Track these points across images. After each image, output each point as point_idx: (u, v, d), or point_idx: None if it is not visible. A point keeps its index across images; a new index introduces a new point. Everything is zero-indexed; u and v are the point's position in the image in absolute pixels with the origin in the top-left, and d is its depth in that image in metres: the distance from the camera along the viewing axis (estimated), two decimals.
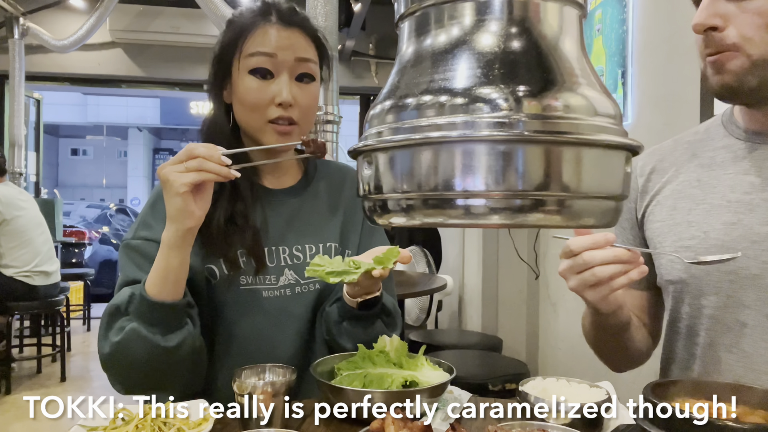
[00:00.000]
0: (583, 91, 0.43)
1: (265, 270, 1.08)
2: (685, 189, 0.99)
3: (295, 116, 1.05)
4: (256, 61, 1.04)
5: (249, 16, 1.07)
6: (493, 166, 0.40)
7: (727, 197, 0.93)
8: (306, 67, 1.06)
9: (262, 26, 1.05)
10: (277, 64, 1.04)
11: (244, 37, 1.05)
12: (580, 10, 0.46)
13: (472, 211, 0.42)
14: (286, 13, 1.07)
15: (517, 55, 0.43)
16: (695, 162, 1.00)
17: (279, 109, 1.04)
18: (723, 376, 0.92)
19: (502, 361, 2.54)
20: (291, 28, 1.06)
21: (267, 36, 1.05)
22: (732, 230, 0.91)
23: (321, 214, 1.18)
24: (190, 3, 4.94)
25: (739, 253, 0.86)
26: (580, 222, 0.43)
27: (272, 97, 1.04)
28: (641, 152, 0.46)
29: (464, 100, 0.41)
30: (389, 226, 0.48)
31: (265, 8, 1.07)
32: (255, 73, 1.04)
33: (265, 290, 1.09)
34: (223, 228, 1.05)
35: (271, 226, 1.11)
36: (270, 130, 1.05)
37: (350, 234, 1.19)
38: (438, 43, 0.45)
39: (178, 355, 0.94)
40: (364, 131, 0.48)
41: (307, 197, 1.18)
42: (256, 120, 1.06)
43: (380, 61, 6.18)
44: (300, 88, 1.06)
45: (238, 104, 1.08)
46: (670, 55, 2.02)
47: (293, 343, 1.10)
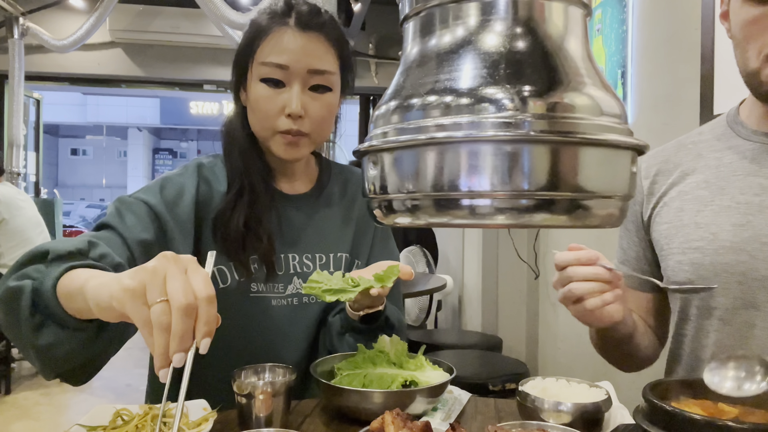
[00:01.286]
0: (588, 91, 0.43)
1: (274, 277, 1.06)
2: (692, 190, 0.99)
3: (305, 128, 1.01)
4: (267, 71, 1.00)
5: (268, 16, 1.03)
6: (498, 166, 0.40)
7: (737, 199, 0.93)
8: (320, 78, 1.02)
9: (278, 31, 1.01)
10: (288, 75, 1.00)
11: (259, 42, 1.01)
12: (585, 10, 0.46)
13: (478, 211, 0.42)
14: (306, 15, 1.02)
15: (523, 55, 0.43)
16: (701, 163, 1.00)
17: (288, 120, 1.00)
18: None
19: (502, 361, 2.54)
20: (309, 33, 1.01)
21: (281, 43, 1.00)
22: (741, 231, 0.91)
23: (333, 223, 1.15)
24: (190, 3, 4.94)
25: (715, 285, 0.89)
26: (586, 222, 0.42)
27: (282, 107, 1.00)
28: (647, 152, 0.45)
29: (470, 100, 0.41)
30: (394, 226, 0.48)
31: (286, 9, 1.02)
32: (266, 82, 1.01)
33: (274, 299, 1.07)
34: (242, 232, 1.02)
35: (284, 233, 1.09)
36: (278, 139, 1.03)
37: (362, 244, 1.17)
38: (443, 43, 0.45)
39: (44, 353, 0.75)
40: (369, 132, 0.48)
41: (320, 205, 1.15)
42: (266, 129, 1.03)
43: (380, 61, 6.18)
44: (313, 99, 1.02)
45: (250, 110, 1.05)
46: (670, 55, 2.02)
47: (298, 350, 1.10)
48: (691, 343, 0.99)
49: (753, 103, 0.96)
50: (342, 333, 1.08)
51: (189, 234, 1.00)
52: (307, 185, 1.16)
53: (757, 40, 0.84)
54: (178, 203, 1.00)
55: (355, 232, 1.17)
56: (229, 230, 1.02)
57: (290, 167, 1.13)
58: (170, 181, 1.03)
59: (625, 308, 0.93)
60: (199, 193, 1.04)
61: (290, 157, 1.05)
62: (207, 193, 1.05)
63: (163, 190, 1.00)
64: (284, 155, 1.04)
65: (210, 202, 1.04)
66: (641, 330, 1.04)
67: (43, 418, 3.44)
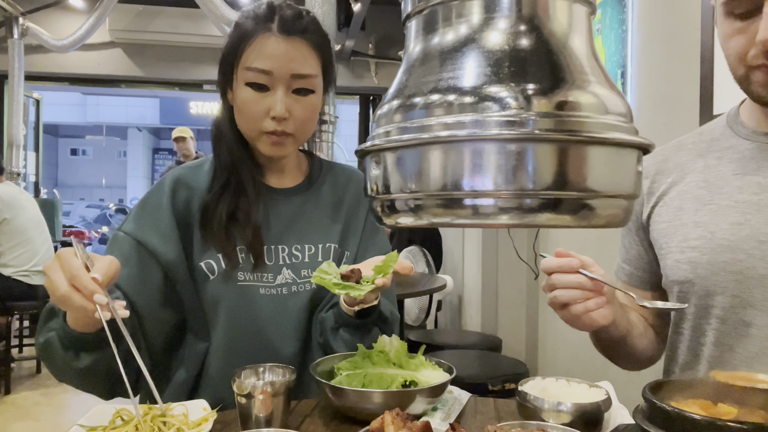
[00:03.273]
0: (593, 89, 0.42)
1: (263, 267, 1.09)
2: (691, 190, 0.99)
3: (289, 129, 1.06)
4: (252, 75, 1.04)
5: (252, 20, 1.05)
6: (502, 165, 0.40)
7: (735, 198, 0.93)
8: (302, 82, 1.06)
9: (262, 36, 1.03)
10: (273, 80, 1.04)
11: (244, 46, 1.04)
12: (589, 7, 0.46)
13: (481, 211, 0.41)
14: (288, 20, 1.05)
15: (527, 53, 0.42)
16: (701, 163, 1.00)
17: (273, 122, 1.04)
18: None
19: (502, 361, 2.54)
20: (292, 38, 1.04)
21: (264, 49, 1.03)
22: (739, 230, 0.91)
23: (322, 215, 1.18)
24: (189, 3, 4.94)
25: (686, 305, 0.93)
26: (592, 222, 0.42)
27: (267, 110, 1.04)
28: (652, 150, 0.45)
29: (473, 99, 0.41)
30: (397, 226, 0.47)
31: (269, 14, 1.05)
32: (251, 86, 1.04)
33: (262, 287, 1.09)
34: (225, 223, 1.07)
35: (272, 225, 1.12)
36: (264, 139, 1.07)
37: (351, 236, 1.19)
38: (446, 41, 0.44)
39: (90, 375, 0.94)
40: (372, 131, 0.48)
41: (310, 198, 1.18)
42: (252, 130, 1.07)
43: (380, 61, 6.18)
44: (296, 101, 1.06)
45: (237, 111, 1.09)
46: (669, 55, 2.02)
47: (289, 341, 1.10)
48: (688, 342, 0.99)
49: (752, 103, 0.96)
50: (336, 328, 1.09)
51: (172, 240, 1.06)
52: (297, 180, 1.19)
53: (740, 50, 0.88)
54: (159, 223, 1.07)
55: (344, 224, 1.19)
56: (214, 221, 1.07)
57: (278, 163, 1.17)
58: (147, 202, 1.10)
59: (616, 312, 0.94)
60: (176, 201, 1.09)
61: (276, 155, 1.10)
62: (187, 197, 1.10)
63: (144, 216, 1.08)
64: (270, 153, 1.09)
65: (191, 204, 1.10)
66: (639, 330, 1.04)
67: (43, 418, 3.44)
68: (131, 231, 1.05)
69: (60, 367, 0.94)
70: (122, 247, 1.04)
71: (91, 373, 0.93)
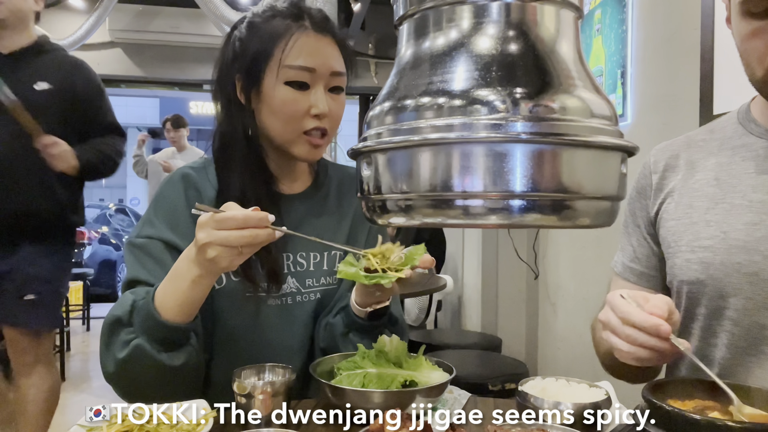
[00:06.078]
0: (579, 93, 0.43)
1: (278, 289, 1.07)
2: (702, 187, 0.96)
3: (327, 127, 1.05)
4: (293, 74, 1.01)
5: (279, 20, 1.03)
6: (490, 167, 0.41)
7: (749, 197, 0.91)
8: (339, 80, 1.05)
9: (298, 34, 1.02)
10: (314, 77, 1.02)
11: (281, 45, 1.01)
12: (577, 13, 0.47)
13: (470, 211, 0.42)
14: (318, 19, 1.05)
15: (515, 58, 0.43)
16: (712, 160, 0.98)
17: (315, 120, 1.03)
18: (744, 379, 0.89)
19: (502, 361, 2.54)
20: (325, 36, 1.04)
21: (306, 47, 1.02)
22: (754, 231, 0.88)
23: (328, 221, 1.16)
24: (189, 3, 4.94)
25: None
26: (577, 222, 0.43)
27: (308, 108, 1.02)
28: (637, 153, 0.46)
29: (462, 102, 0.42)
30: (389, 225, 0.48)
31: (297, 13, 1.04)
32: (291, 84, 1.02)
33: (270, 298, 1.07)
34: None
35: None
36: (304, 141, 1.04)
37: (357, 241, 1.17)
38: (436, 45, 0.45)
39: (182, 373, 0.93)
40: (364, 132, 0.49)
41: (315, 203, 1.16)
42: (290, 132, 1.04)
43: (380, 61, 6.18)
44: (333, 99, 1.05)
45: (269, 113, 1.04)
46: (669, 55, 2.02)
47: (295, 348, 1.10)
48: (697, 342, 0.97)
49: (765, 101, 0.94)
50: (345, 332, 1.08)
51: (190, 240, 0.99)
52: (305, 185, 1.17)
53: (759, 51, 0.85)
54: (177, 222, 1.03)
55: (351, 229, 1.17)
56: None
57: (292, 170, 1.14)
58: (160, 204, 1.06)
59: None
60: (189, 202, 1.05)
61: (312, 158, 1.08)
62: (195, 199, 1.06)
63: (158, 218, 1.04)
64: (306, 156, 1.06)
65: None
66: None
67: None
68: (155, 234, 1.02)
69: (152, 374, 0.91)
70: (152, 252, 1.01)
71: (187, 370, 0.93)
